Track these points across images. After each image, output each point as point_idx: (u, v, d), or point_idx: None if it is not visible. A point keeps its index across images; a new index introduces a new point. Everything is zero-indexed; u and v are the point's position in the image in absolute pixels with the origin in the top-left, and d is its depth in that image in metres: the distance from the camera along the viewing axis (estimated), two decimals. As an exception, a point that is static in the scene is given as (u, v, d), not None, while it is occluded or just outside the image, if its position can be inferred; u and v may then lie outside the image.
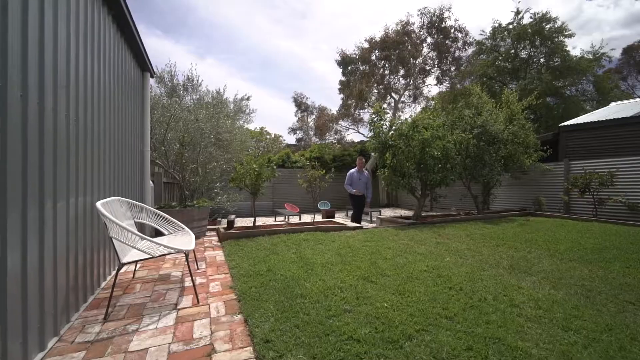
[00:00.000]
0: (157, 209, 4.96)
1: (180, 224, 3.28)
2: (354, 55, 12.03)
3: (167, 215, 3.32)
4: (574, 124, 9.42)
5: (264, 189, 5.66)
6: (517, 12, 18.22)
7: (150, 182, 5.29)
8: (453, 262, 3.49)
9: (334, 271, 3.13)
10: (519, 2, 36.58)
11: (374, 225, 8.65)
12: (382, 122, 7.26)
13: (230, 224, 5.70)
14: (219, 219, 9.40)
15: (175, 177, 6.44)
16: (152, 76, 5.22)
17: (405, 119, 7.27)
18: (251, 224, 5.69)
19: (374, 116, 7.25)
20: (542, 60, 17.85)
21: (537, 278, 2.94)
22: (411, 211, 13.13)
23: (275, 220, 11.00)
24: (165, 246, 2.31)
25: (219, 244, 4.65)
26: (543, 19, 17.16)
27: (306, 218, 9.99)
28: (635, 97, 24.90)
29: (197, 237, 4.97)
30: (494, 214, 8.03)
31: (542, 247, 4.16)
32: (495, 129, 7.09)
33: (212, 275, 3.20)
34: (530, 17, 17.40)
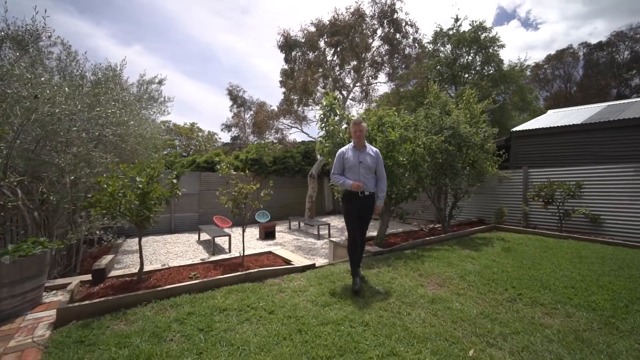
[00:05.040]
0: None
1: None
2: (299, 39, 10.23)
3: None
4: (526, 130, 9.10)
5: (158, 214, 3.51)
6: (457, 19, 18.59)
7: None
8: (489, 365, 1.93)
9: None
10: (459, 9, 39.21)
11: (325, 250, 6.99)
12: (336, 117, 5.61)
13: (99, 275, 3.40)
14: (109, 240, 6.67)
15: (11, 194, 3.85)
16: None
17: (367, 111, 5.76)
18: (161, 263, 3.45)
19: (326, 109, 5.56)
20: (477, 68, 18.46)
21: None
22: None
23: (198, 239, 8.59)
24: None
25: (46, 333, 2.40)
26: (479, 28, 17.69)
27: (237, 236, 7.80)
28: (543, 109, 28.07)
29: (11, 316, 2.64)
30: (460, 228, 7.05)
31: (574, 300, 2.92)
32: (467, 131, 6.01)
33: None
34: (470, 25, 17.80)
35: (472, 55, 18.35)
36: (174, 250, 7.28)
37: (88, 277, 3.55)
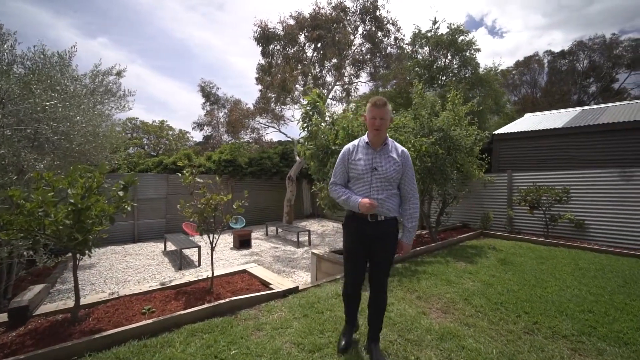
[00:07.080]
0: None
1: None
2: (278, 31, 9.56)
3: None
4: (508, 133, 9.04)
5: (103, 232, 2.78)
6: (435, 22, 18.65)
7: None
8: None
9: None
10: (437, 11, 39.92)
11: (306, 260, 6.40)
12: (319, 117, 5.07)
13: (18, 315, 2.62)
14: (45, 262, 5.66)
15: None
16: None
17: (350, 110, 5.26)
18: (116, 281, 2.69)
19: (308, 107, 5.00)
20: (455, 70, 18.66)
21: None
22: (339, 222, 11.44)
23: (164, 250, 7.70)
24: None
25: None
26: (457, 31, 17.85)
27: (207, 245, 7.01)
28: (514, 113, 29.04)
29: None
30: (447, 234, 6.76)
31: (598, 329, 2.57)
32: (457, 134, 5.68)
33: None
34: (447, 27, 17.93)
35: (449, 57, 18.52)
36: (135, 264, 6.41)
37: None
